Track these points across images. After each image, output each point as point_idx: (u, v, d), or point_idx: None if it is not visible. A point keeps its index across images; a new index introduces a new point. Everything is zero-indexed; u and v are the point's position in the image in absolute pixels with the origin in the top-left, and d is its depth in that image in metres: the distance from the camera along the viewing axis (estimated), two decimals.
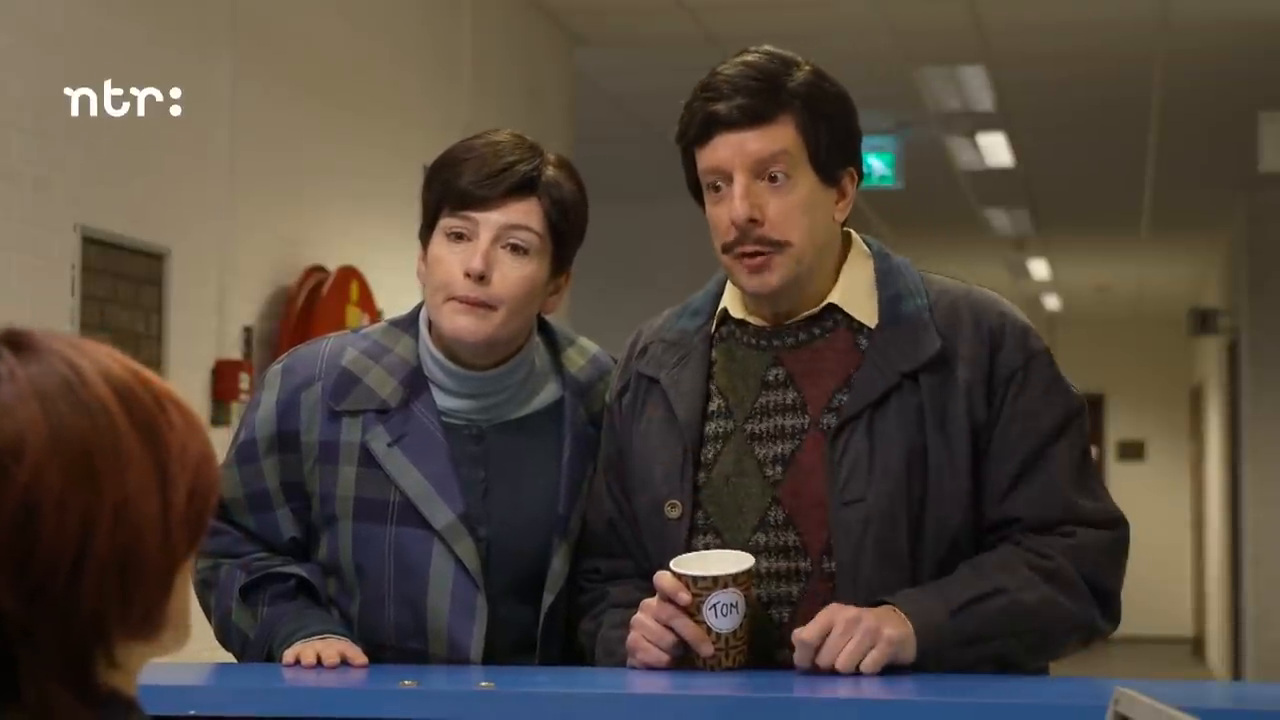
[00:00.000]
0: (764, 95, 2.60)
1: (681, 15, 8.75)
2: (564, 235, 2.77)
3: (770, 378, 2.68)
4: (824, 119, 2.63)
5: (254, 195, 6.11)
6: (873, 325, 2.65)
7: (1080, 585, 2.60)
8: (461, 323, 2.69)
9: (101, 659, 1.40)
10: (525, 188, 2.72)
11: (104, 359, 1.45)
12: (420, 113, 7.47)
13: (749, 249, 2.62)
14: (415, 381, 2.77)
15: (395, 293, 6.82)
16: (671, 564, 2.58)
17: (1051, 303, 20.05)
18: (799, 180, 2.62)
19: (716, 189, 2.63)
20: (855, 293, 2.68)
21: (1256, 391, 13.05)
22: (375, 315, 6.61)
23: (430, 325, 2.79)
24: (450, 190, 2.71)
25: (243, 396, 5.88)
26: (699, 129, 2.63)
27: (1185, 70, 9.77)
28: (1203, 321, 14.14)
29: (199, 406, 5.78)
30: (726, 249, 2.63)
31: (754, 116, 2.61)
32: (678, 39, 9.15)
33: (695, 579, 2.54)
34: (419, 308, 2.84)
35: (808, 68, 2.64)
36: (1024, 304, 19.98)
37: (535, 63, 8.71)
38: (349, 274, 6.52)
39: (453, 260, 2.70)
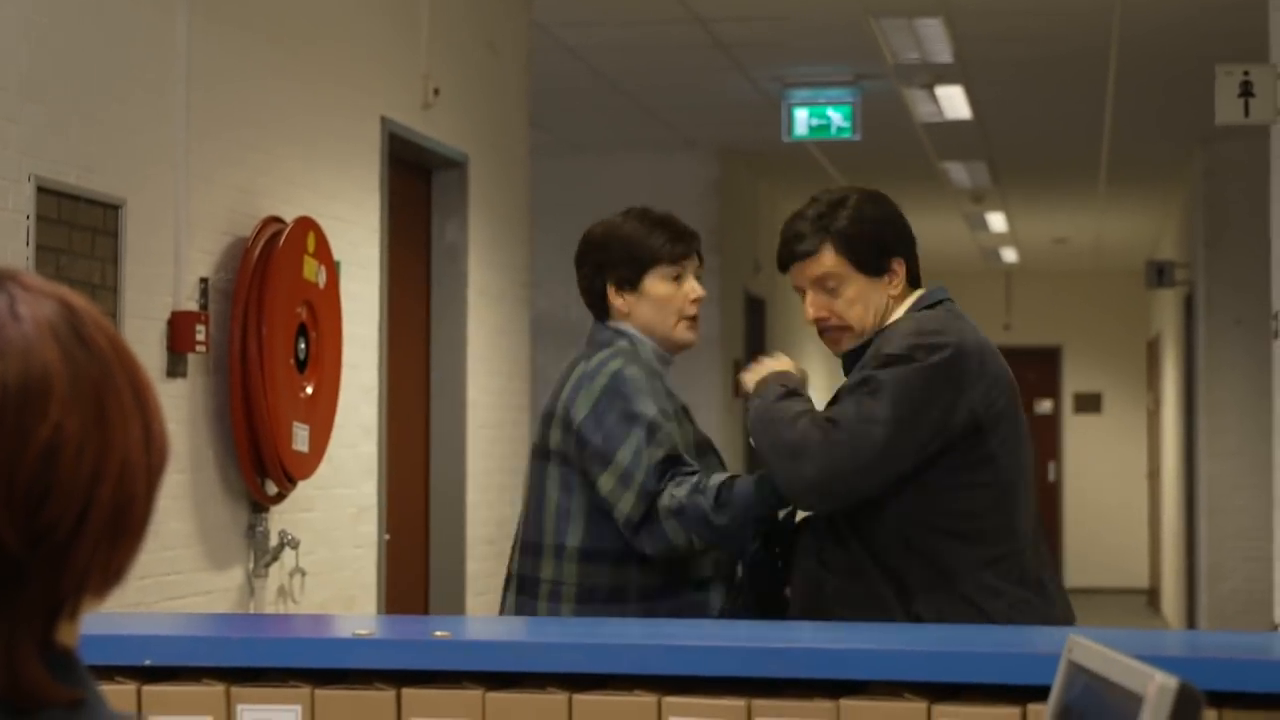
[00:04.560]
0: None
1: None
2: None
3: None
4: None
5: (210, 145, 6.07)
6: None
7: None
8: (694, 336, 4.08)
9: (68, 614, 1.36)
10: None
11: (90, 307, 1.40)
12: (378, 63, 7.43)
13: None
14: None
15: (352, 245, 6.80)
16: None
17: (1009, 256, 20.09)
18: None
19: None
20: None
21: (1212, 344, 13.10)
22: (331, 266, 6.58)
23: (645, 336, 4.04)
24: (672, 248, 4.01)
25: (198, 348, 5.86)
26: None
27: (1142, 23, 9.78)
28: (1159, 274, 14.18)
29: (155, 358, 5.75)
30: None
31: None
32: None
33: None
34: (614, 333, 4.01)
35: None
36: (982, 257, 20.04)
37: (493, 14, 8.68)
38: (306, 224, 6.49)
39: (681, 294, 4.01)
